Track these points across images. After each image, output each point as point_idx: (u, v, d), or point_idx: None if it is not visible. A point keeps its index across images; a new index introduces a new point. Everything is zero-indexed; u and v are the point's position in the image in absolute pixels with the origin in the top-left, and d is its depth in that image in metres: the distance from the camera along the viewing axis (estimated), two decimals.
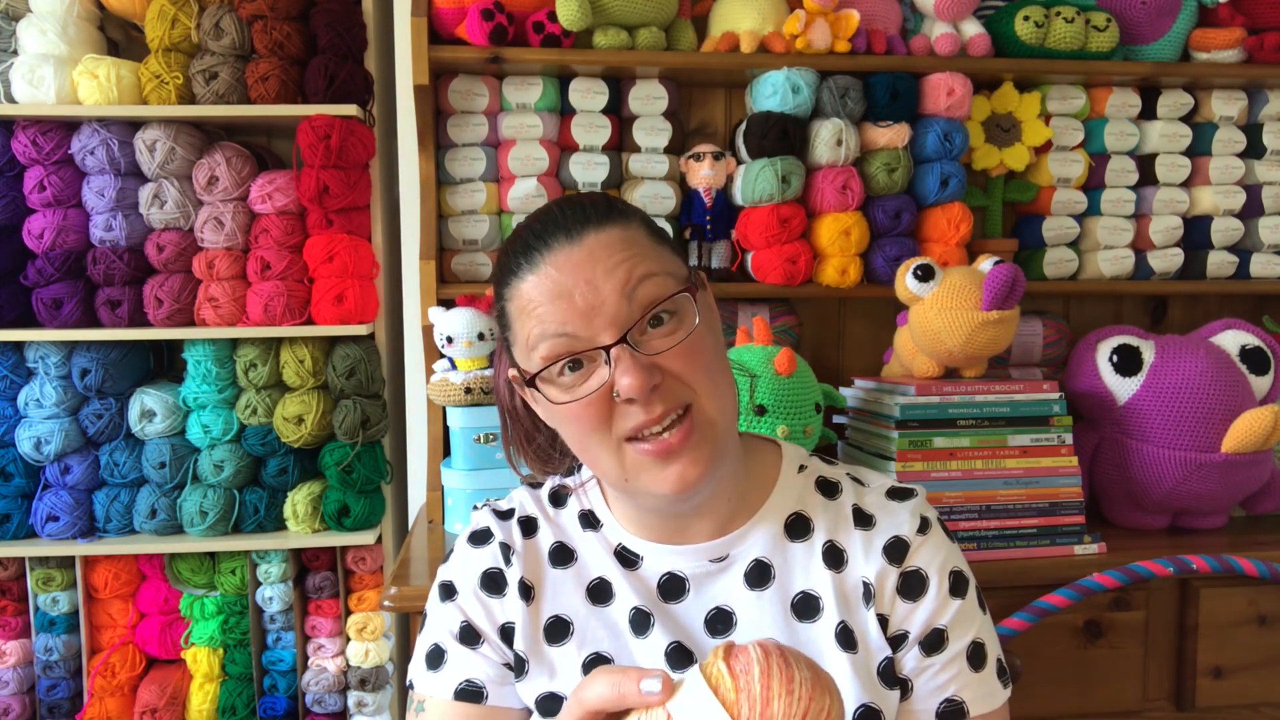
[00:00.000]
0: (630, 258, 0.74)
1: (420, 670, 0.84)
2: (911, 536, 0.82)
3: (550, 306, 0.73)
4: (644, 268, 0.74)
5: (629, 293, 0.73)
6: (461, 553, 0.87)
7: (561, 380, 0.75)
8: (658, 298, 0.74)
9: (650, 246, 0.77)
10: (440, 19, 1.57)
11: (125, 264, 1.62)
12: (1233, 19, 1.72)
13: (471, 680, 0.82)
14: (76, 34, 1.62)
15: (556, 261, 0.74)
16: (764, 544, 0.83)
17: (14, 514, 1.68)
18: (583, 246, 0.74)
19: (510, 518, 0.88)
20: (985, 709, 0.82)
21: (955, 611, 0.81)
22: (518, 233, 0.79)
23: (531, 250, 0.75)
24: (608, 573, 0.84)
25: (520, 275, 0.75)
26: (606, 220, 0.76)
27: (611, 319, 0.72)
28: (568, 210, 0.77)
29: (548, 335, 0.74)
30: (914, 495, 0.86)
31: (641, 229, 0.78)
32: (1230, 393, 1.44)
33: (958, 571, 0.83)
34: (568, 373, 0.75)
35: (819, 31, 1.58)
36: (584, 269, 0.73)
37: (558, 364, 0.74)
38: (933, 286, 1.45)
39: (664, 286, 0.74)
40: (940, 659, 0.81)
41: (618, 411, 0.74)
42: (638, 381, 0.71)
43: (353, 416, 1.67)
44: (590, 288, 0.73)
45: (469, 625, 0.83)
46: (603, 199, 0.79)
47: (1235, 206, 1.79)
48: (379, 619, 1.75)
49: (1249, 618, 1.41)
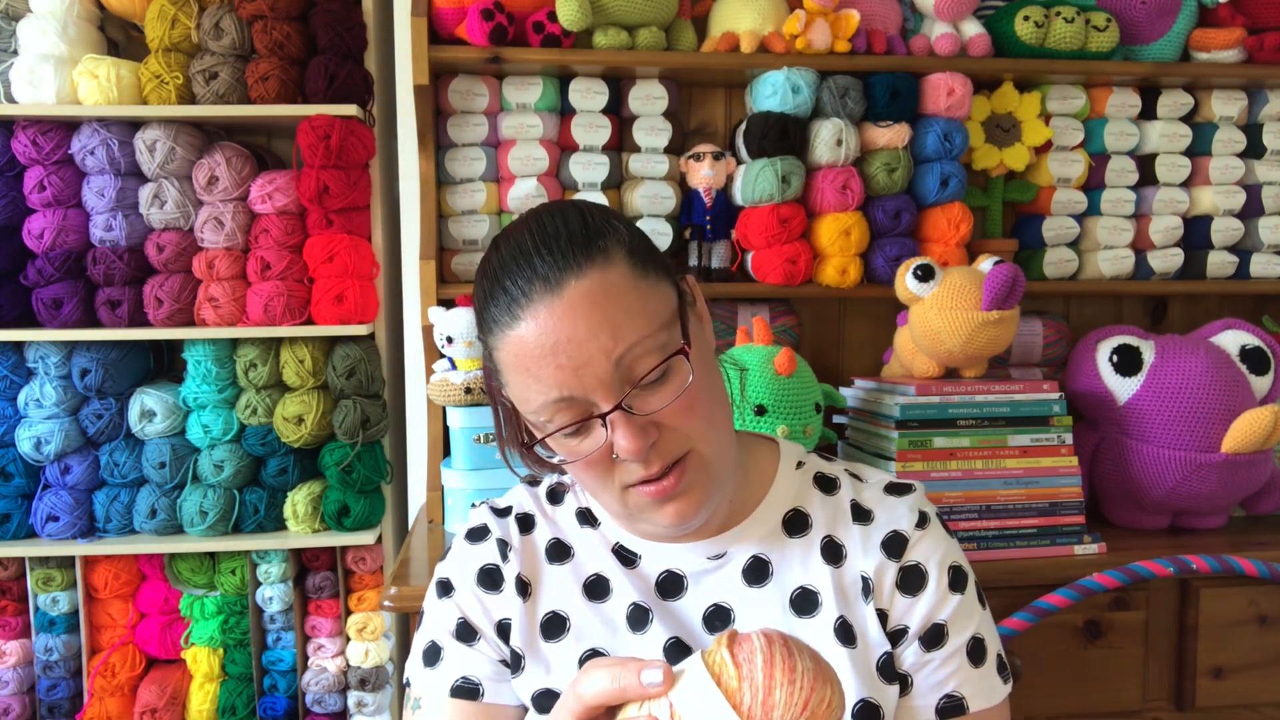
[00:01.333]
0: (615, 313, 0.71)
1: (417, 667, 0.84)
2: (910, 531, 0.83)
3: (540, 366, 0.72)
4: (632, 329, 0.71)
5: (618, 358, 0.71)
6: (459, 549, 0.88)
7: (561, 441, 0.76)
8: (647, 368, 0.72)
9: (633, 289, 0.73)
10: (440, 19, 1.57)
11: (125, 264, 1.62)
12: (1233, 19, 1.72)
13: (468, 677, 0.82)
14: (76, 34, 1.62)
15: (538, 316, 0.71)
16: (762, 540, 0.83)
17: (14, 514, 1.68)
18: (563, 299, 0.71)
19: (508, 515, 0.89)
20: (985, 705, 0.82)
21: (955, 606, 0.81)
22: (495, 277, 0.75)
23: (513, 304, 0.73)
24: (605, 569, 0.84)
25: (503, 329, 0.74)
26: (585, 263, 0.72)
27: (603, 381, 0.71)
28: (545, 255, 0.73)
29: (546, 403, 0.73)
30: (912, 490, 0.86)
31: (623, 264, 0.74)
32: (1230, 393, 1.44)
33: (957, 566, 0.83)
34: (567, 432, 0.75)
35: (819, 31, 1.58)
36: (566, 324, 0.71)
37: (556, 430, 0.74)
38: (933, 286, 1.45)
39: (661, 345, 0.73)
40: (940, 654, 0.81)
41: (618, 465, 0.75)
42: (635, 445, 0.72)
43: (353, 416, 1.67)
44: (575, 346, 0.71)
45: (465, 622, 0.83)
46: (580, 231, 0.74)
47: (1235, 206, 1.79)
48: (379, 619, 1.75)
49: (1249, 618, 1.41)
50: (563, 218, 0.76)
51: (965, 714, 0.81)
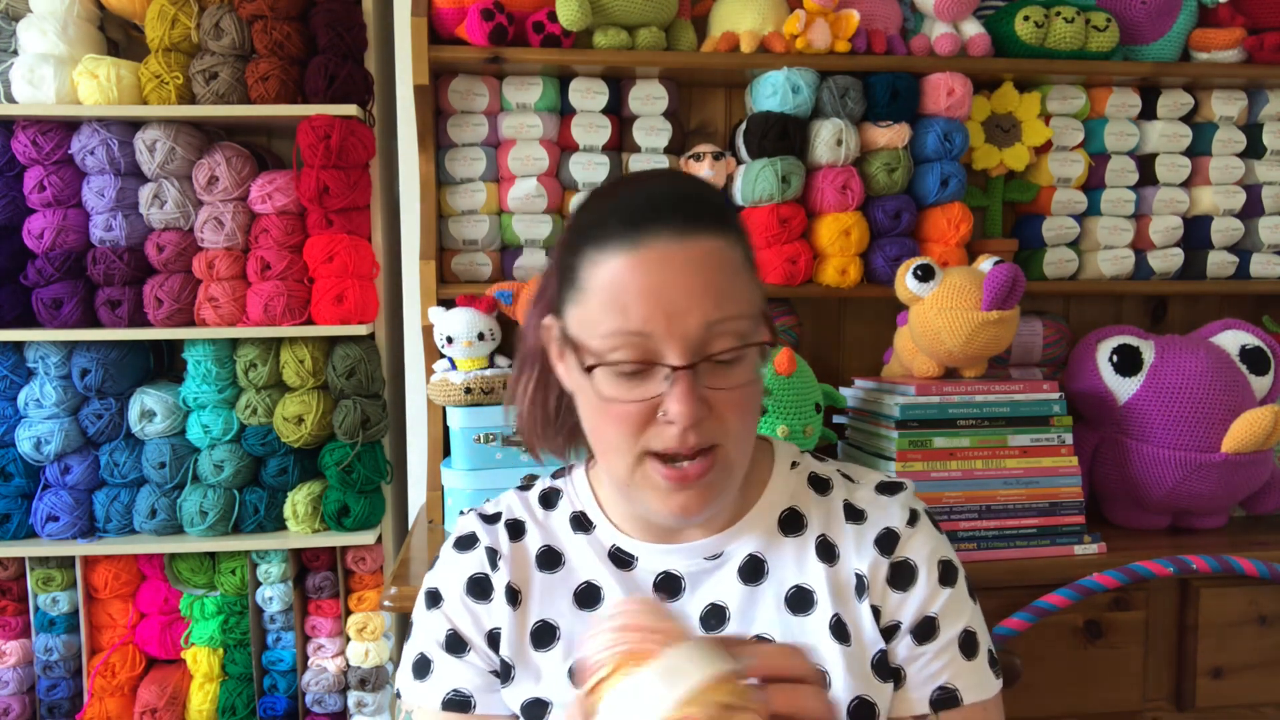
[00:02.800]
0: (724, 285, 0.72)
1: (407, 679, 0.84)
2: (901, 528, 0.83)
3: (637, 301, 0.70)
4: (733, 305, 0.72)
5: (710, 325, 0.71)
6: (447, 559, 0.87)
7: (612, 378, 0.73)
8: (734, 344, 0.72)
9: (743, 273, 0.75)
10: (440, 19, 1.57)
11: (125, 264, 1.62)
12: (1233, 19, 1.72)
13: (459, 690, 0.82)
14: (76, 34, 1.62)
15: (658, 254, 0.71)
16: (758, 540, 0.83)
17: (14, 514, 1.67)
18: (687, 249, 0.71)
19: (497, 521, 0.87)
20: (979, 697, 0.82)
21: (945, 600, 0.82)
22: (620, 195, 0.75)
23: (635, 227, 0.72)
24: (598, 576, 0.84)
25: (613, 249, 0.72)
26: (716, 229, 0.73)
27: (687, 339, 0.71)
28: (683, 203, 0.73)
29: (625, 331, 0.71)
30: (903, 489, 0.87)
31: (740, 248, 0.75)
32: (1230, 393, 1.44)
33: (946, 561, 0.84)
34: (623, 370, 0.73)
35: (819, 31, 1.58)
36: (683, 275, 0.71)
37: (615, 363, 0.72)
38: (933, 286, 1.45)
39: (743, 333, 0.73)
40: (932, 647, 0.81)
41: (653, 425, 0.73)
42: (690, 411, 0.71)
43: (353, 416, 1.67)
44: (682, 295, 0.70)
45: (455, 633, 0.83)
46: (720, 199, 0.77)
47: (1235, 206, 1.79)
48: (379, 619, 1.75)
49: (1249, 618, 1.41)
50: (707, 186, 0.79)
51: (959, 706, 0.81)
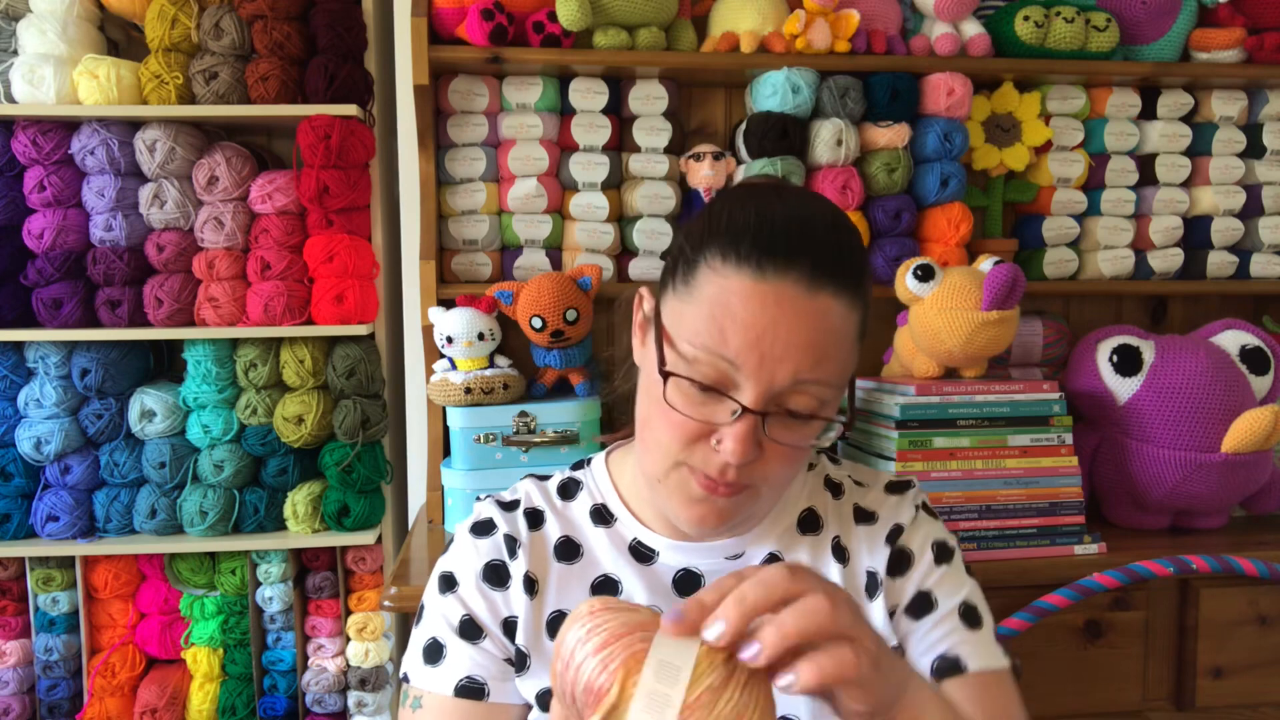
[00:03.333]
0: (828, 348, 0.71)
1: (417, 665, 0.82)
2: (908, 524, 0.85)
3: (740, 331, 0.69)
4: (827, 370, 0.71)
5: (799, 382, 0.70)
6: (463, 543, 0.86)
7: (682, 385, 0.72)
8: (812, 406, 0.72)
9: (850, 342, 0.73)
10: (440, 19, 1.57)
11: (125, 264, 1.62)
12: (1233, 19, 1.72)
13: (473, 677, 0.81)
14: (76, 34, 1.62)
15: (781, 295, 0.69)
16: (777, 540, 0.84)
17: (14, 514, 1.68)
18: (811, 300, 0.69)
19: (515, 509, 0.87)
20: (987, 665, 0.79)
21: (940, 576, 0.83)
22: (769, 210, 0.72)
23: (769, 256, 0.69)
24: (616, 570, 0.84)
25: (738, 268, 0.70)
26: (846, 289, 0.71)
27: (771, 386, 0.70)
28: (825, 250, 0.71)
29: (715, 352, 0.70)
30: (911, 487, 0.89)
31: (858, 315, 0.74)
32: (1230, 393, 1.44)
33: (941, 542, 0.85)
34: (696, 386, 0.72)
35: (819, 31, 1.58)
36: (794, 324, 0.69)
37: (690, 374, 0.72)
38: (933, 286, 1.45)
39: (824, 400, 0.72)
40: (930, 619, 0.82)
41: (702, 443, 0.73)
42: (741, 450, 0.70)
43: (353, 416, 1.67)
44: (782, 343, 0.69)
45: (470, 619, 0.82)
46: (861, 258, 0.75)
47: (1235, 206, 1.79)
48: (379, 619, 1.75)
49: (1249, 618, 1.41)
50: (856, 238, 0.75)
51: (963, 673, 0.79)
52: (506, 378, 1.54)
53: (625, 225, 1.70)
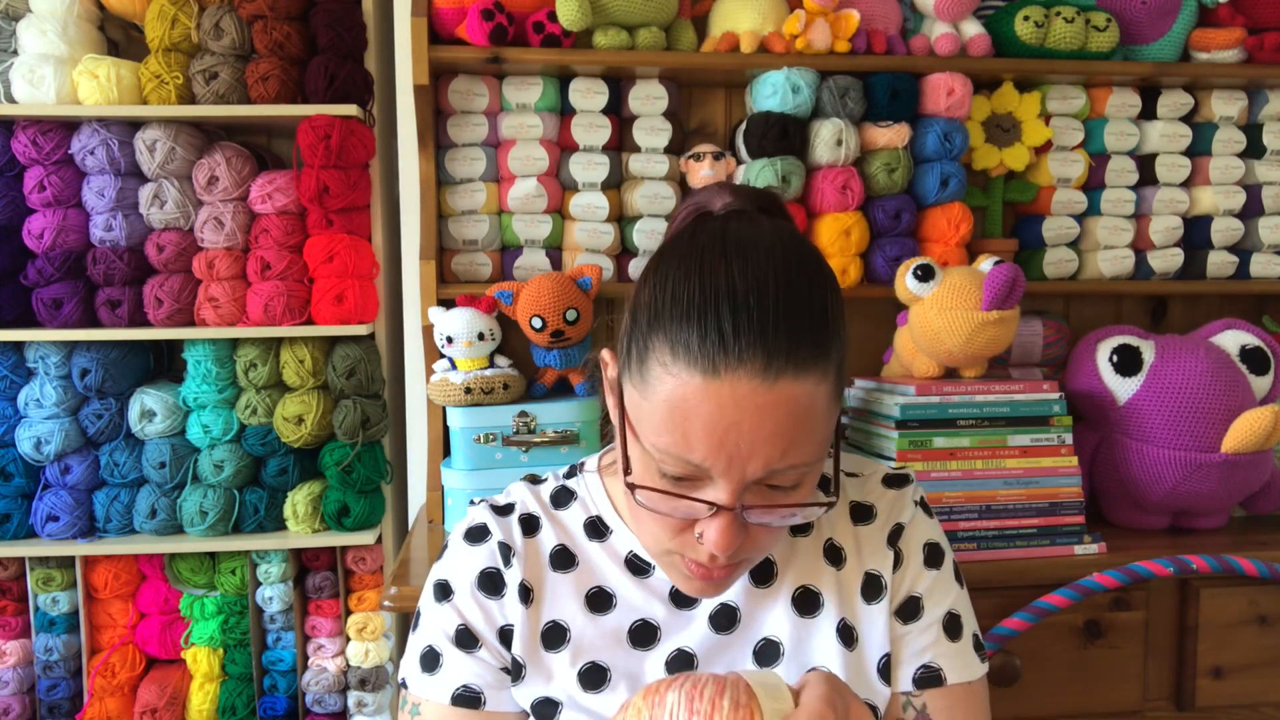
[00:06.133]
0: (798, 434, 0.66)
1: (414, 672, 0.82)
2: (907, 523, 0.85)
3: (702, 434, 0.65)
4: (800, 453, 0.67)
5: (773, 469, 0.66)
6: (457, 550, 0.85)
7: (660, 494, 0.69)
8: (784, 483, 0.69)
9: (824, 414, 0.68)
10: (440, 19, 1.57)
11: (125, 264, 1.63)
12: (1233, 19, 1.72)
13: (469, 685, 0.81)
14: (76, 34, 1.62)
15: (738, 394, 0.64)
16: None
17: (14, 514, 1.68)
18: (772, 393, 0.64)
19: (509, 514, 0.86)
20: (962, 678, 0.82)
21: (930, 581, 0.83)
22: (713, 291, 0.66)
23: (721, 352, 0.64)
24: (611, 582, 0.83)
25: (689, 366, 0.65)
26: (811, 368, 0.66)
27: (741, 481, 0.66)
28: (779, 334, 0.65)
29: (681, 458, 0.67)
30: (910, 481, 0.88)
31: (830, 383, 0.68)
32: (1230, 393, 1.43)
33: (934, 544, 0.85)
34: (670, 483, 0.70)
35: (819, 31, 1.58)
36: (757, 421, 0.64)
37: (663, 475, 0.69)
38: (933, 286, 1.45)
39: (809, 472, 0.69)
40: (917, 626, 0.82)
41: (687, 534, 0.72)
42: (726, 543, 0.68)
43: (353, 416, 1.67)
44: (748, 441, 0.65)
45: (466, 628, 0.81)
46: (820, 326, 0.67)
47: (1235, 206, 1.79)
48: (379, 619, 1.75)
49: (1249, 618, 1.41)
50: (809, 289, 0.68)
51: (942, 685, 0.81)
52: (506, 378, 1.54)
53: (625, 225, 1.70)
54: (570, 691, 0.80)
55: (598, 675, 0.80)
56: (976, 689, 0.83)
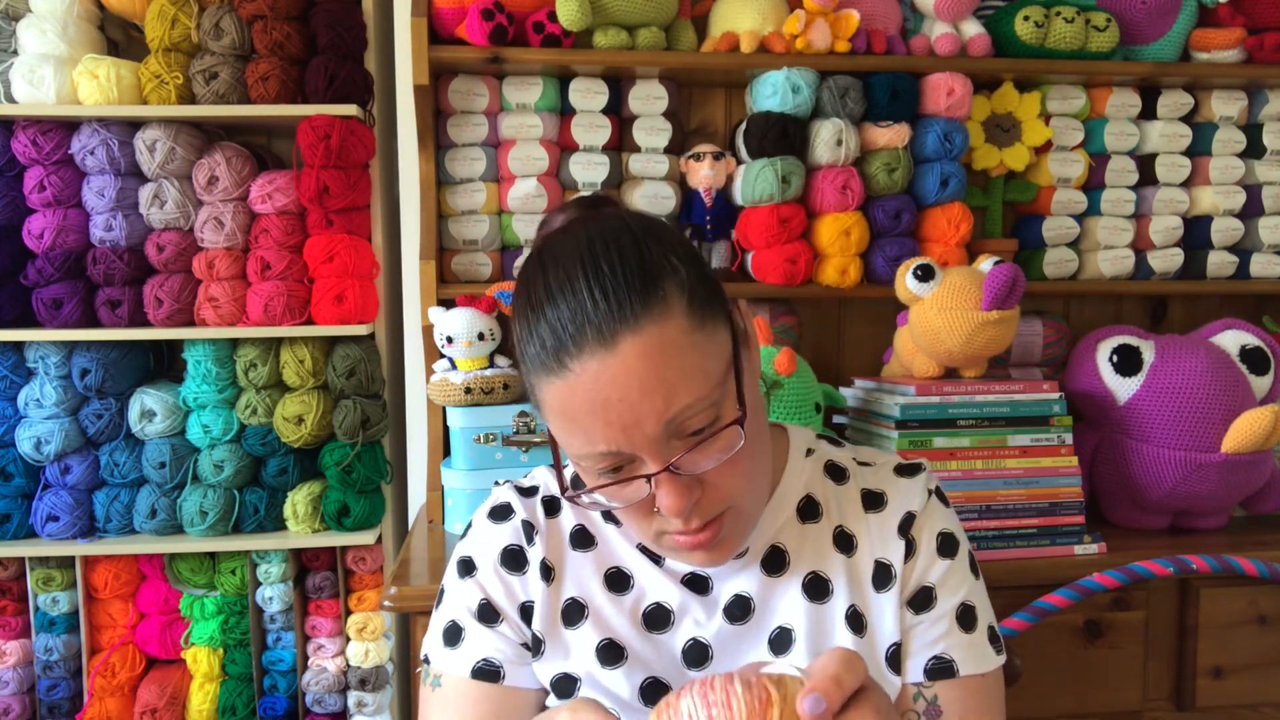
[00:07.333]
0: (668, 377, 0.67)
1: (437, 646, 0.84)
2: (919, 511, 0.84)
3: (587, 420, 0.68)
4: (684, 395, 0.67)
5: (669, 421, 0.68)
6: (481, 528, 0.87)
7: (601, 488, 0.72)
8: (698, 426, 0.69)
9: (689, 344, 0.68)
10: (440, 19, 1.57)
11: (125, 264, 1.62)
12: (1233, 19, 1.72)
13: (489, 659, 0.82)
14: (76, 34, 1.62)
15: (589, 371, 0.67)
16: (778, 530, 0.84)
17: (14, 514, 1.67)
18: (616, 355, 0.66)
19: (533, 495, 0.88)
20: (975, 670, 0.81)
21: (943, 571, 0.83)
22: (540, 313, 0.69)
23: (560, 350, 0.68)
24: (629, 563, 0.84)
25: (548, 374, 0.69)
26: (642, 314, 0.67)
27: (650, 441, 0.68)
28: (599, 301, 0.67)
29: (590, 453, 0.70)
30: (922, 470, 0.87)
31: (681, 315, 0.68)
32: (1230, 393, 1.44)
33: (947, 533, 0.84)
34: (608, 477, 0.72)
35: (819, 31, 1.58)
36: (619, 383, 0.66)
37: (600, 480, 0.72)
38: (933, 286, 1.45)
39: (705, 414, 0.69)
40: (929, 616, 0.81)
41: (656, 517, 0.74)
42: (678, 504, 0.70)
43: (353, 416, 1.67)
44: (625, 406, 0.67)
45: (488, 603, 0.83)
46: (638, 272, 0.68)
47: (1235, 206, 1.79)
48: (379, 619, 1.75)
49: (1249, 618, 1.41)
50: (619, 251, 0.69)
51: (955, 677, 0.81)
52: (506, 377, 1.54)
53: None
54: (589, 667, 0.81)
55: (615, 652, 0.81)
56: (990, 681, 0.82)
